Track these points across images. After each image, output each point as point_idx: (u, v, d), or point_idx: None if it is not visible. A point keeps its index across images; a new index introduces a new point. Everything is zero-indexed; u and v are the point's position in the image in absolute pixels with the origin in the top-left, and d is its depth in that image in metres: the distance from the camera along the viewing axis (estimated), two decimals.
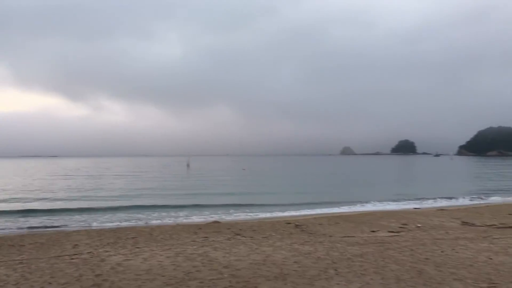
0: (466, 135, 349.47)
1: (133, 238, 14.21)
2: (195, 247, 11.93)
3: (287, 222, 18.27)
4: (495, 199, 30.82)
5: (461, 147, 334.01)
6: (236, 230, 16.12)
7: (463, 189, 39.40)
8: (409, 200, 29.83)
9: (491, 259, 9.86)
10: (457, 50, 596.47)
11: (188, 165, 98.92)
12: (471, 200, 29.93)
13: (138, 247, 12.17)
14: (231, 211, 24.52)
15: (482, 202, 28.44)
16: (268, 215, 22.82)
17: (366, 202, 28.10)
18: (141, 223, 20.20)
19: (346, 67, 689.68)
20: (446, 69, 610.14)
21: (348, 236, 14.20)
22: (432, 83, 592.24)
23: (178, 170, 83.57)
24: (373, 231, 15.77)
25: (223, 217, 22.14)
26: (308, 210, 24.51)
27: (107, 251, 11.58)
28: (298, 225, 17.26)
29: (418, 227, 16.74)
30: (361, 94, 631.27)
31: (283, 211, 24.18)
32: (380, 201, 28.89)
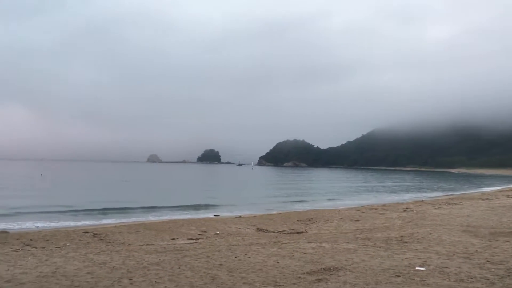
0: (266, 146, 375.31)
1: None
2: None
3: (85, 231, 17.35)
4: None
5: (261, 157, 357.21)
6: (26, 240, 14.78)
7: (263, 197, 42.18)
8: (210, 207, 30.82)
9: (278, 262, 10.60)
10: (257, 63, 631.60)
11: None
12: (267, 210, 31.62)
13: None
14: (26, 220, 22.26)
15: (275, 211, 30.41)
16: (67, 224, 21.41)
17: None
18: None
19: (146, 71, 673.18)
20: (247, 81, 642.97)
21: (147, 244, 14.09)
22: (236, 94, 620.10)
23: None
24: (173, 239, 15.95)
25: (13, 226, 20.03)
26: (109, 220, 23.57)
27: None
28: (96, 234, 16.53)
29: (217, 234, 17.45)
30: (164, 101, 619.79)
31: (79, 221, 22.80)
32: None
